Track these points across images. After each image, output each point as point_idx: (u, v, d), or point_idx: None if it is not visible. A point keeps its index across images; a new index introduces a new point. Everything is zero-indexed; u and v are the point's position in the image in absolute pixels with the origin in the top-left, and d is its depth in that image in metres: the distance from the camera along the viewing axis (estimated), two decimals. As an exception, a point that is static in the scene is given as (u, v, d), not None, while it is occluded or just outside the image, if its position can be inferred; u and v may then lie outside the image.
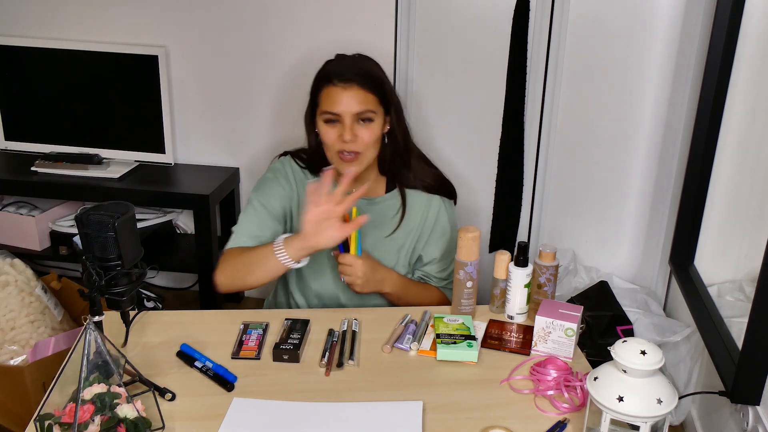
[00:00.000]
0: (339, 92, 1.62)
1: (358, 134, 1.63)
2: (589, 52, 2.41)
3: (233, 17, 2.61)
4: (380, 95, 1.67)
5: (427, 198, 1.80)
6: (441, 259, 1.82)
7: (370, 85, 1.64)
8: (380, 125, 1.68)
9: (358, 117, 1.63)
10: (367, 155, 1.67)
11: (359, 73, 1.64)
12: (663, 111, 2.43)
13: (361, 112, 1.62)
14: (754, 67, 2.04)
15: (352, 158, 1.65)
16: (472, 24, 2.45)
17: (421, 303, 1.75)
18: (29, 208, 2.82)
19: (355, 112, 1.62)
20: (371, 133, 1.64)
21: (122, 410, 1.20)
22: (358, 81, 1.63)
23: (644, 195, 2.55)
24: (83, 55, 2.65)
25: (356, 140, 1.63)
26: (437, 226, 1.80)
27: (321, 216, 1.51)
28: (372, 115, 1.64)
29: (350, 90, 1.62)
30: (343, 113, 1.62)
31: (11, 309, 2.10)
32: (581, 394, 1.35)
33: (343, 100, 1.62)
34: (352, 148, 1.63)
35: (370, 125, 1.64)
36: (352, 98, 1.62)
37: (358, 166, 1.66)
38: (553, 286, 1.59)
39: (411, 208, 1.79)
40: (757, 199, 2.07)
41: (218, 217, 2.82)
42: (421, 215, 1.79)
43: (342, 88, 1.62)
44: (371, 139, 1.65)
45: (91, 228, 1.25)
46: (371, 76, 1.66)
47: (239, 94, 2.71)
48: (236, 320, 1.60)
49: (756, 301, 1.57)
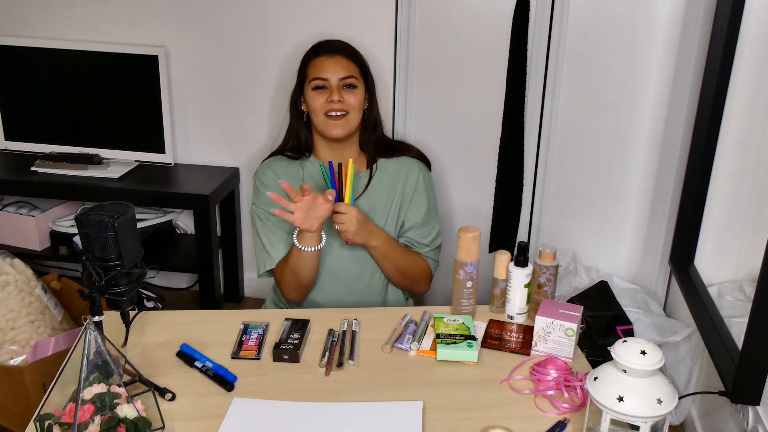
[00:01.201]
0: (326, 60, 1.84)
1: (344, 97, 1.82)
2: (589, 52, 2.41)
3: (233, 17, 2.61)
4: (361, 68, 1.88)
5: (408, 162, 1.94)
6: (423, 224, 1.91)
7: (353, 56, 1.87)
8: (362, 94, 1.86)
9: (343, 83, 1.83)
10: (351, 118, 1.84)
11: (343, 46, 1.89)
12: (663, 111, 2.43)
13: (346, 77, 1.83)
14: (754, 67, 2.04)
15: (339, 117, 1.82)
16: (472, 24, 2.45)
17: (406, 267, 1.87)
18: (29, 208, 2.82)
19: (340, 77, 1.82)
20: (355, 98, 1.84)
21: (122, 410, 1.20)
22: (343, 51, 1.86)
23: (644, 195, 2.55)
24: (83, 55, 2.65)
25: (343, 101, 1.81)
26: (417, 191, 1.92)
27: (302, 209, 1.63)
28: (355, 82, 1.85)
29: (336, 57, 1.84)
30: (330, 78, 1.82)
31: (11, 309, 2.10)
32: (581, 394, 1.35)
33: (329, 67, 1.83)
34: (339, 107, 1.81)
35: (354, 91, 1.84)
36: (337, 64, 1.83)
37: (343, 128, 1.82)
38: (553, 286, 1.59)
39: (390, 172, 1.92)
40: (756, 199, 2.07)
41: (218, 217, 2.82)
42: (403, 178, 1.91)
43: (329, 57, 1.84)
44: (356, 102, 1.84)
45: (91, 228, 1.25)
46: (353, 49, 1.90)
47: (239, 94, 2.71)
48: (236, 320, 1.60)
49: (756, 301, 1.57)
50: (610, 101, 2.46)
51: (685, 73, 2.29)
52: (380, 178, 1.90)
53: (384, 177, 1.91)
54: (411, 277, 1.89)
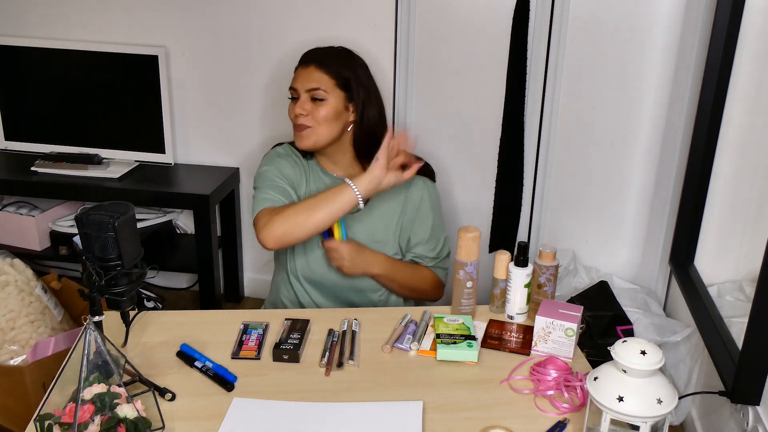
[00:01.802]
0: (300, 72, 1.80)
1: (309, 109, 1.76)
2: (589, 52, 2.41)
3: (233, 17, 2.61)
4: (338, 79, 1.78)
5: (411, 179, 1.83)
6: (429, 238, 1.88)
7: (327, 67, 1.78)
8: (335, 107, 1.77)
9: (310, 95, 1.76)
10: (318, 131, 1.77)
11: (320, 57, 1.80)
12: (663, 111, 2.43)
13: (312, 89, 1.76)
14: (754, 67, 2.04)
15: (302, 129, 1.77)
16: (472, 24, 2.45)
17: (414, 285, 1.85)
18: (29, 208, 2.82)
19: (306, 89, 1.76)
20: (324, 110, 1.76)
21: (122, 410, 1.20)
22: (316, 63, 1.78)
23: (644, 195, 2.55)
24: (83, 55, 2.65)
25: (306, 114, 1.76)
26: (422, 206, 1.87)
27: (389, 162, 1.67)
28: (323, 95, 1.76)
29: (308, 69, 1.78)
30: (299, 89, 1.78)
31: (11, 309, 2.10)
32: (581, 394, 1.35)
33: (300, 78, 1.78)
34: (302, 121, 1.76)
35: (321, 104, 1.76)
36: (306, 76, 1.77)
37: (307, 140, 1.77)
38: (553, 286, 1.59)
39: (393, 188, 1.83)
40: (757, 199, 2.07)
41: (218, 217, 2.82)
42: (403, 195, 1.85)
43: (302, 68, 1.79)
44: (321, 116, 1.76)
45: (91, 228, 1.25)
46: (331, 61, 1.80)
47: (239, 94, 2.71)
48: (236, 320, 1.60)
49: (756, 301, 1.57)
50: (610, 101, 2.46)
51: (685, 73, 2.29)
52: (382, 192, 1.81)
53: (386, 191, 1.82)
54: (420, 291, 1.87)
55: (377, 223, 1.83)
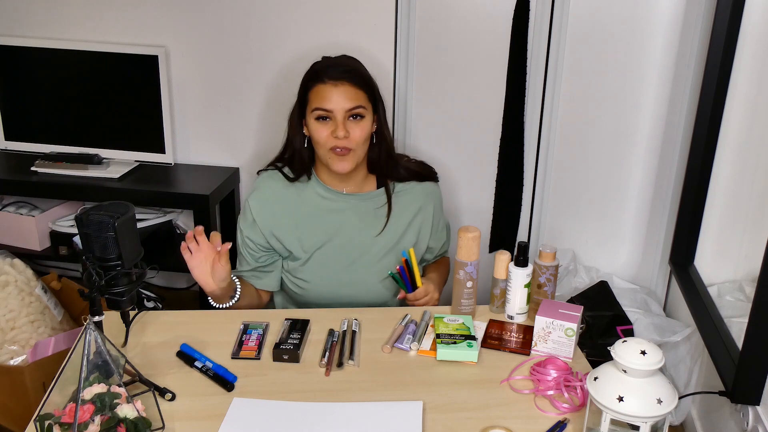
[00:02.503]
0: (330, 89, 1.66)
1: (350, 131, 1.67)
2: (589, 52, 2.41)
3: (233, 17, 2.61)
4: (369, 93, 1.71)
5: (421, 189, 1.85)
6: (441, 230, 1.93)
7: (360, 82, 1.69)
8: (370, 122, 1.72)
9: (349, 114, 1.67)
10: (358, 152, 1.70)
11: (348, 71, 1.69)
12: (663, 111, 2.43)
13: (353, 108, 1.66)
14: (754, 67, 2.04)
15: (344, 153, 1.68)
16: (472, 24, 2.45)
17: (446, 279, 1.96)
18: (29, 208, 2.82)
19: (346, 109, 1.66)
20: (362, 130, 1.68)
21: (122, 410, 1.20)
22: (348, 78, 1.67)
23: (644, 195, 2.55)
24: (83, 55, 2.65)
25: (348, 136, 1.66)
26: (435, 213, 1.88)
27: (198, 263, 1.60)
28: (363, 111, 1.68)
29: (341, 86, 1.66)
30: (335, 110, 1.65)
31: (11, 309, 2.10)
32: (581, 394, 1.35)
33: (333, 97, 1.65)
34: (344, 144, 1.66)
35: (361, 122, 1.68)
36: (342, 95, 1.65)
37: (349, 162, 1.69)
38: (553, 286, 1.59)
39: (406, 201, 1.83)
40: (757, 199, 2.07)
41: (218, 217, 2.82)
42: (419, 207, 1.84)
43: (333, 86, 1.66)
44: (362, 135, 1.68)
45: (91, 228, 1.25)
46: (360, 73, 1.72)
47: (239, 94, 2.71)
48: (236, 320, 1.60)
49: (756, 301, 1.57)
50: (610, 101, 2.46)
51: (685, 73, 2.29)
52: (398, 201, 1.81)
53: (401, 200, 1.82)
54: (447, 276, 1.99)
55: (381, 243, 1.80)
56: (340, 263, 1.78)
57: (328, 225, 1.77)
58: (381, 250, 1.80)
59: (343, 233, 1.78)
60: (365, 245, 1.78)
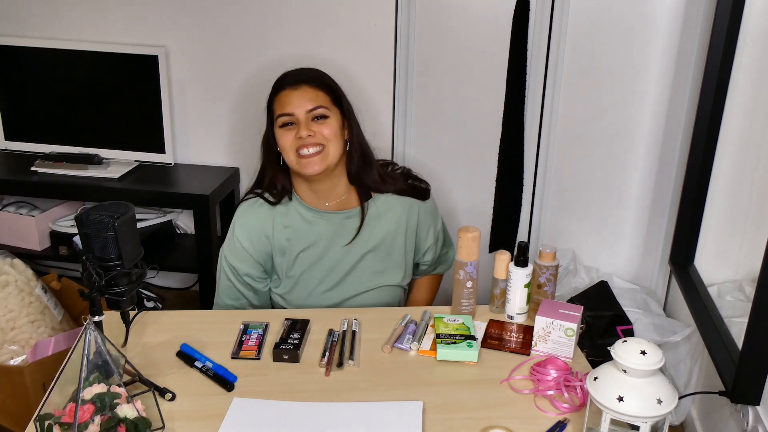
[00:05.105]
0: (289, 93, 1.68)
1: (315, 130, 1.67)
2: (589, 52, 2.41)
3: (233, 17, 2.61)
4: (331, 94, 1.72)
5: (401, 203, 1.81)
6: (435, 243, 1.92)
7: (319, 84, 1.71)
8: (337, 124, 1.71)
9: (312, 115, 1.68)
10: (329, 151, 1.69)
11: (307, 75, 1.72)
12: (663, 111, 2.43)
13: (313, 108, 1.68)
14: (754, 67, 2.04)
15: (313, 154, 1.67)
16: (472, 24, 2.45)
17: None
18: (29, 208, 2.82)
19: (307, 109, 1.67)
20: (328, 128, 1.68)
21: (122, 410, 1.20)
22: (306, 80, 1.70)
23: (644, 195, 2.55)
24: (83, 55, 2.65)
25: (314, 135, 1.67)
26: (420, 228, 1.85)
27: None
28: (325, 112, 1.69)
29: (300, 89, 1.68)
30: (296, 112, 1.67)
31: (11, 309, 2.10)
32: (581, 394, 1.35)
33: (293, 101, 1.68)
34: (311, 141, 1.66)
35: (326, 121, 1.69)
36: (302, 96, 1.68)
37: (318, 164, 1.67)
38: (553, 286, 1.59)
39: (386, 211, 1.80)
40: (757, 199, 2.07)
41: (218, 217, 2.82)
42: (398, 219, 1.81)
43: (292, 89, 1.69)
44: (330, 132, 1.68)
45: (91, 228, 1.25)
46: (319, 77, 1.73)
47: (239, 94, 2.71)
48: (236, 320, 1.60)
49: (756, 301, 1.57)
50: (610, 101, 2.46)
51: (685, 73, 2.29)
52: (378, 215, 1.80)
53: (383, 214, 1.80)
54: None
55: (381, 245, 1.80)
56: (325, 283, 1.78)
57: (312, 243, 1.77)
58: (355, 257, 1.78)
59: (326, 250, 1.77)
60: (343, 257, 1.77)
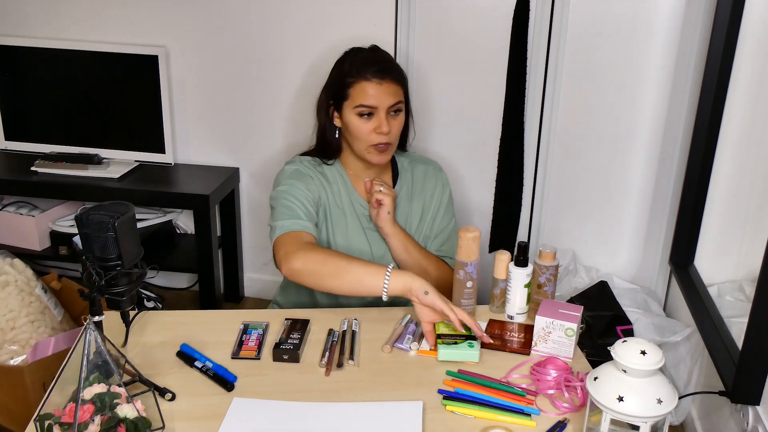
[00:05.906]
0: (375, 87, 1.69)
1: (392, 124, 1.72)
2: (589, 52, 2.41)
3: (233, 17, 2.61)
4: (405, 87, 1.77)
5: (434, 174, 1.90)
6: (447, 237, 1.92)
7: (399, 78, 1.74)
8: (404, 117, 1.78)
9: (392, 109, 1.72)
10: (395, 145, 1.77)
11: (390, 68, 1.73)
12: (663, 111, 2.43)
13: (395, 104, 1.71)
14: (754, 67, 2.04)
15: (385, 146, 1.73)
16: (472, 24, 2.45)
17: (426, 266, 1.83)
18: (29, 208, 2.82)
19: (389, 105, 1.70)
20: (400, 124, 1.75)
21: (122, 410, 1.20)
22: (390, 75, 1.71)
23: (644, 195, 2.55)
24: (83, 55, 2.65)
25: (391, 131, 1.71)
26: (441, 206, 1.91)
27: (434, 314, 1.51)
28: (402, 106, 1.75)
29: (385, 84, 1.70)
30: (380, 107, 1.70)
31: (11, 309, 2.10)
32: (581, 394, 1.35)
33: (379, 95, 1.69)
34: (386, 140, 1.71)
35: (399, 116, 1.74)
36: (387, 92, 1.70)
37: (388, 155, 1.75)
38: (553, 286, 1.59)
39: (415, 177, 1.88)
40: (757, 199, 2.07)
41: (218, 217, 2.82)
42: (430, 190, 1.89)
43: (377, 83, 1.69)
44: (400, 129, 1.76)
45: (91, 228, 1.25)
46: (399, 71, 1.76)
47: (239, 94, 2.71)
48: (236, 320, 1.60)
49: (756, 301, 1.57)
50: (610, 101, 2.46)
51: (685, 73, 2.29)
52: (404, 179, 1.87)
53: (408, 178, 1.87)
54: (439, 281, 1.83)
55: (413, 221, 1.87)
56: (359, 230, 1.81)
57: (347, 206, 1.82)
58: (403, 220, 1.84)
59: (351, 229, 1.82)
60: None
